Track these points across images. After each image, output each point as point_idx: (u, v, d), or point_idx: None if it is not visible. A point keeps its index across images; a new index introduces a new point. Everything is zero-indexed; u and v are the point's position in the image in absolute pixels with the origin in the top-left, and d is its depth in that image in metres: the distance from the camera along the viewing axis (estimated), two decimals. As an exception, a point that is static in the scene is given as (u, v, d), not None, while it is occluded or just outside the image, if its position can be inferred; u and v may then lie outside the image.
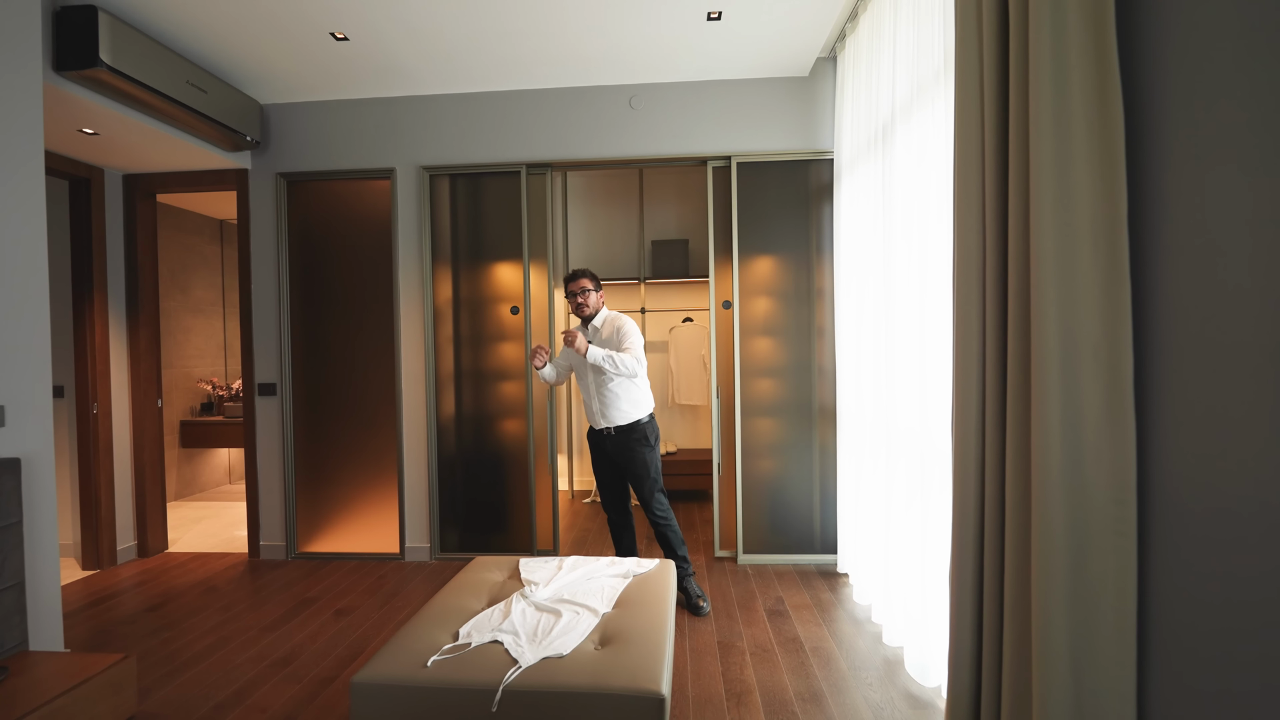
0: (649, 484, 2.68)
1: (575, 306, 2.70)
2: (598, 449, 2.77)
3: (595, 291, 2.70)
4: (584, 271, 2.71)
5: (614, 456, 2.72)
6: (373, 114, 3.42)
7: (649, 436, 2.69)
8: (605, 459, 2.76)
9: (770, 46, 2.94)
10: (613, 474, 2.78)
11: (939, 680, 2.02)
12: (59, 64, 2.41)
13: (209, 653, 2.41)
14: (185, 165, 3.43)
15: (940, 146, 1.88)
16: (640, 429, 2.67)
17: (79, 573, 3.33)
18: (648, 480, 2.68)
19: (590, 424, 2.77)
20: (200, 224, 5.19)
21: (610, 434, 2.69)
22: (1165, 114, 1.12)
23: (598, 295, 2.71)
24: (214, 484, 5.29)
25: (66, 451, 3.37)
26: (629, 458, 2.68)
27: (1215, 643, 1.03)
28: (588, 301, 2.68)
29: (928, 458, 2.02)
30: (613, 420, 2.66)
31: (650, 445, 2.69)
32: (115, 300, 3.49)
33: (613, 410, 2.65)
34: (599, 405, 2.67)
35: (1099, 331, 1.19)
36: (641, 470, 2.67)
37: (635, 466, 2.68)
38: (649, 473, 2.68)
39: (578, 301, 2.68)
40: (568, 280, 2.72)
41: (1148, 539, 1.18)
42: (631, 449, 2.67)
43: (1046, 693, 1.22)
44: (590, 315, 2.71)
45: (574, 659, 1.57)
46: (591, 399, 2.70)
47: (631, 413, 2.67)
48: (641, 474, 2.67)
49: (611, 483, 2.80)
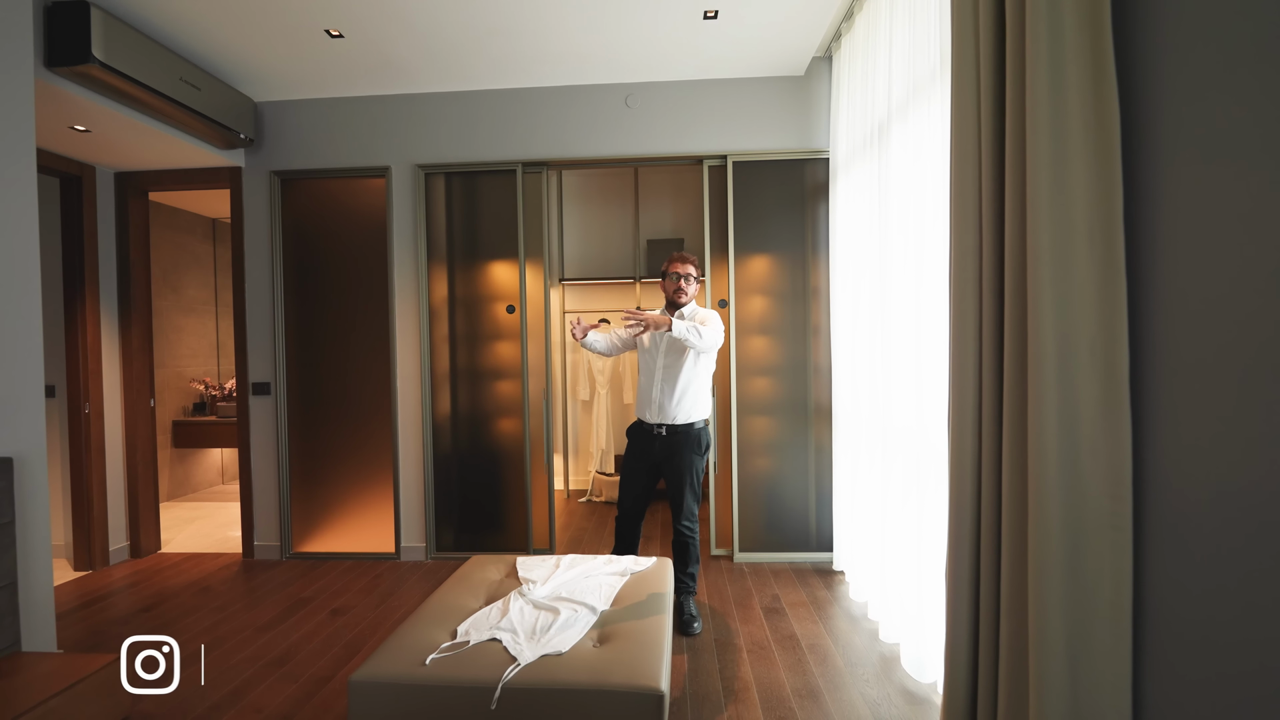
0: (689, 492, 2.51)
1: (674, 290, 2.48)
2: (640, 448, 2.57)
3: (698, 280, 2.51)
4: (691, 255, 2.50)
5: (659, 457, 2.53)
6: (368, 112, 3.41)
7: (703, 441, 2.53)
8: (645, 459, 2.56)
9: (766, 46, 2.95)
10: (646, 477, 2.59)
11: (935, 676, 2.03)
12: (50, 60, 2.39)
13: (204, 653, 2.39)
14: (178, 163, 3.40)
15: (936, 145, 1.90)
16: (695, 432, 2.51)
17: (71, 574, 3.30)
18: (689, 488, 2.51)
19: (639, 417, 2.58)
20: (193, 223, 5.16)
21: (661, 433, 2.50)
22: (1161, 112, 1.13)
23: (698, 285, 2.51)
24: (207, 484, 5.26)
25: (58, 451, 3.34)
26: (677, 461, 2.50)
27: (1209, 635, 1.05)
28: (686, 289, 2.47)
29: (923, 455, 2.03)
30: (672, 417, 2.48)
31: (701, 452, 2.53)
32: (107, 299, 3.46)
33: (674, 404, 2.47)
34: (660, 395, 2.48)
35: (1095, 328, 1.21)
36: (686, 476, 2.50)
37: (681, 471, 2.49)
38: (693, 480, 2.51)
39: (678, 285, 2.46)
40: (674, 260, 2.48)
41: (1143, 533, 1.19)
42: (682, 452, 2.49)
43: (1043, 685, 1.23)
44: (684, 303, 2.52)
45: (573, 656, 1.57)
46: (653, 387, 2.50)
47: (692, 411, 2.50)
48: (685, 480, 2.50)
49: (642, 485, 2.60)
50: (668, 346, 2.49)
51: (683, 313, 2.52)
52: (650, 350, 2.54)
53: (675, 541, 2.59)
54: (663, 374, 2.49)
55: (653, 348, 2.53)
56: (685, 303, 2.52)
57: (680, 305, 2.52)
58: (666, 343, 2.50)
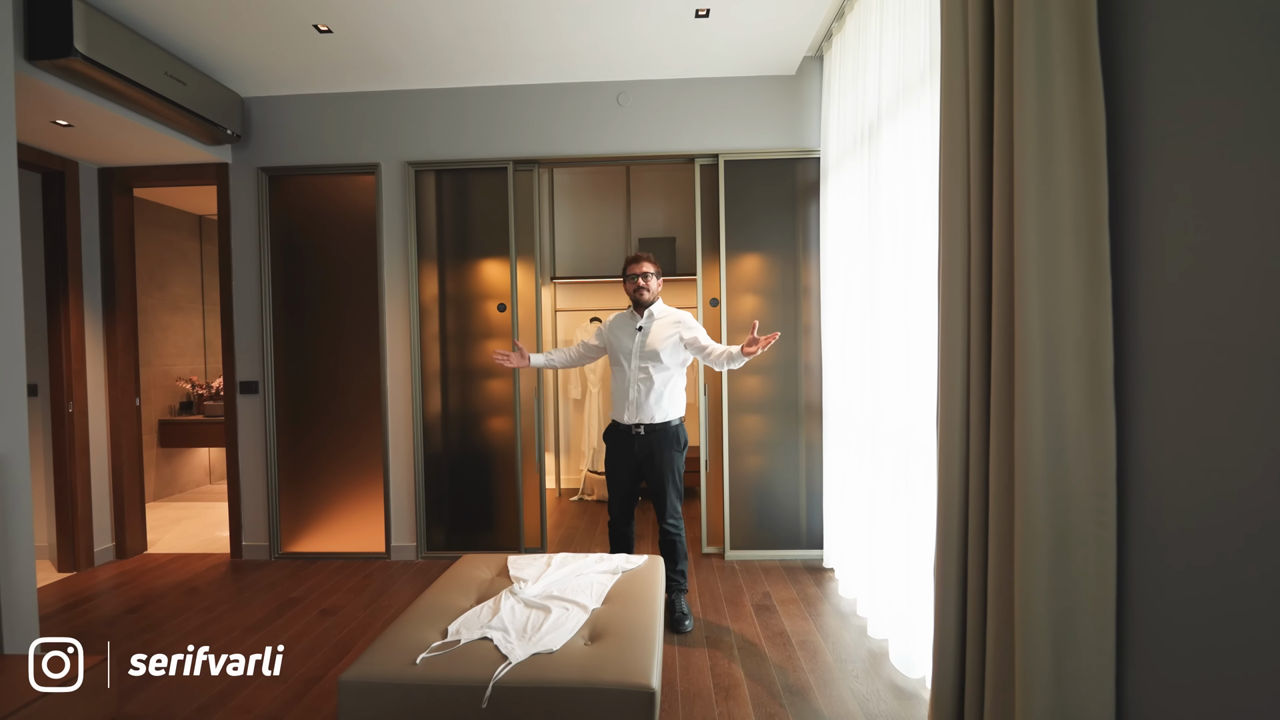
0: (672, 490, 2.54)
1: (635, 289, 2.54)
2: (620, 450, 2.59)
3: (657, 277, 2.56)
4: (647, 255, 2.57)
5: (639, 457, 2.55)
6: (357, 108, 3.38)
7: (680, 438, 2.56)
8: (627, 460, 2.58)
9: (757, 45, 2.96)
10: (631, 478, 2.61)
11: (923, 671, 2.05)
12: (31, 53, 2.35)
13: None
14: (163, 159, 3.36)
15: (925, 145, 1.91)
16: (673, 429, 2.54)
17: (55, 575, 3.25)
18: (671, 486, 2.54)
19: (615, 419, 2.59)
20: (178, 219, 5.09)
21: (640, 432, 2.53)
22: (1146, 113, 1.15)
23: (659, 282, 2.57)
24: (194, 484, 5.20)
25: (41, 451, 3.29)
26: (657, 459, 2.52)
27: (1190, 630, 1.07)
28: (648, 286, 2.52)
29: (912, 453, 2.05)
30: (650, 416, 2.51)
31: (679, 449, 2.56)
32: (91, 297, 3.41)
33: (653, 405, 2.50)
34: (638, 395, 2.50)
35: (1080, 327, 1.22)
36: (668, 473, 2.52)
37: (661, 469, 2.52)
38: (674, 477, 2.54)
39: (638, 284, 2.52)
40: (630, 261, 2.56)
41: (1126, 530, 1.21)
42: (661, 450, 2.52)
43: (1029, 678, 1.25)
44: (649, 301, 2.55)
45: (564, 654, 1.57)
46: (631, 388, 2.52)
47: (670, 410, 2.53)
48: (666, 477, 2.53)
49: (628, 487, 2.63)
50: (642, 348, 2.51)
51: (653, 312, 2.55)
52: (624, 352, 2.55)
53: (661, 541, 2.60)
54: (640, 374, 2.51)
55: (628, 354, 2.54)
56: (650, 300, 2.54)
57: (645, 303, 2.54)
58: (640, 344, 2.51)
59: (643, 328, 2.53)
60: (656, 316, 2.55)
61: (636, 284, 2.52)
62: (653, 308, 2.56)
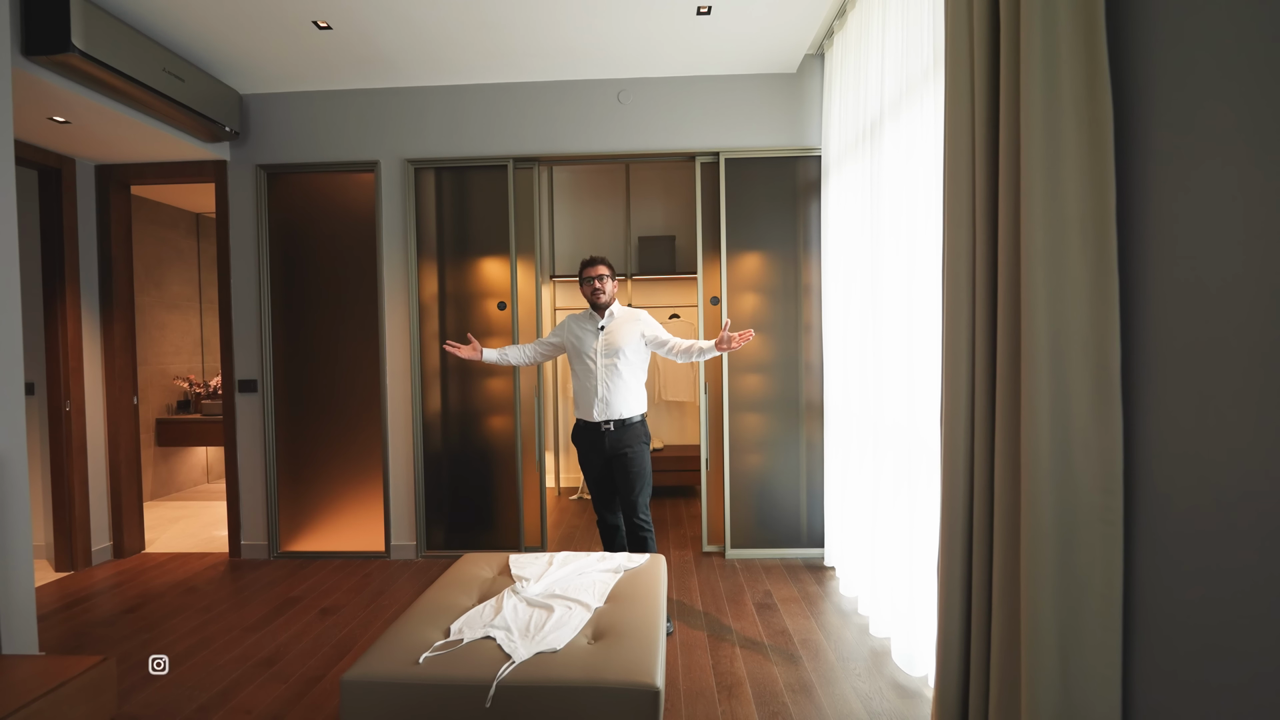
0: (643, 485, 2.58)
1: (591, 292, 2.62)
2: (591, 447, 2.62)
3: (612, 279, 2.64)
4: (602, 259, 2.66)
5: (610, 454, 2.59)
6: (356, 105, 3.36)
7: (645, 434, 2.62)
8: (599, 457, 2.61)
9: (759, 43, 2.95)
10: (606, 473, 2.66)
11: (925, 669, 2.05)
12: (29, 48, 2.33)
13: (191, 654, 2.36)
14: (161, 156, 3.34)
15: (929, 143, 1.90)
16: (638, 425, 2.61)
17: (52, 575, 3.24)
18: (642, 481, 2.58)
19: (583, 418, 2.64)
20: (176, 217, 5.07)
21: (609, 429, 2.57)
22: (1154, 110, 1.14)
23: (614, 284, 2.65)
24: (192, 483, 5.18)
25: (38, 450, 3.27)
26: (628, 455, 2.56)
27: (1197, 628, 1.06)
28: (604, 288, 2.60)
29: (915, 451, 2.05)
30: (618, 413, 2.55)
31: (646, 443, 2.62)
32: (88, 295, 3.39)
33: (620, 401, 2.56)
34: (606, 393, 2.55)
35: (1087, 324, 1.22)
36: (639, 469, 2.57)
37: (633, 465, 2.57)
38: (645, 472, 2.59)
39: (594, 287, 2.59)
40: (585, 265, 2.65)
41: (1133, 527, 1.21)
42: (631, 445, 2.57)
43: (1034, 677, 1.25)
44: (606, 303, 2.62)
45: (568, 653, 1.56)
46: (598, 386, 2.56)
47: (635, 406, 2.59)
48: (638, 473, 2.57)
49: (609, 485, 2.66)
50: (605, 347, 2.56)
51: (612, 311, 2.61)
52: (589, 351, 2.60)
53: (631, 538, 2.59)
54: (605, 372, 2.58)
55: (590, 350, 2.60)
56: (606, 302, 2.61)
57: (602, 305, 2.62)
58: (603, 343, 2.56)
59: (604, 326, 2.60)
60: (616, 315, 2.63)
61: (593, 286, 2.60)
62: (611, 307, 2.64)
